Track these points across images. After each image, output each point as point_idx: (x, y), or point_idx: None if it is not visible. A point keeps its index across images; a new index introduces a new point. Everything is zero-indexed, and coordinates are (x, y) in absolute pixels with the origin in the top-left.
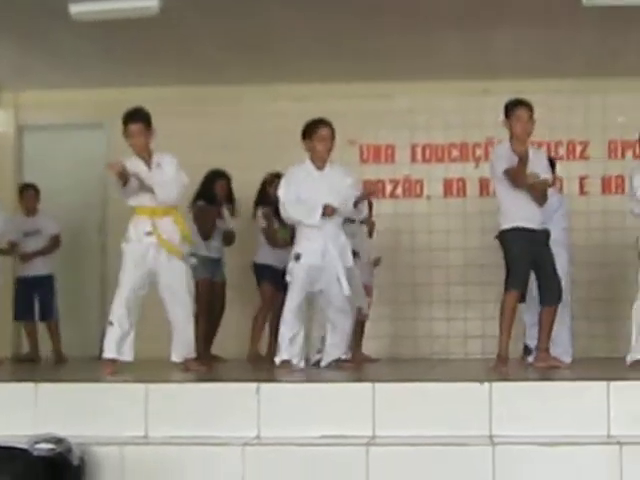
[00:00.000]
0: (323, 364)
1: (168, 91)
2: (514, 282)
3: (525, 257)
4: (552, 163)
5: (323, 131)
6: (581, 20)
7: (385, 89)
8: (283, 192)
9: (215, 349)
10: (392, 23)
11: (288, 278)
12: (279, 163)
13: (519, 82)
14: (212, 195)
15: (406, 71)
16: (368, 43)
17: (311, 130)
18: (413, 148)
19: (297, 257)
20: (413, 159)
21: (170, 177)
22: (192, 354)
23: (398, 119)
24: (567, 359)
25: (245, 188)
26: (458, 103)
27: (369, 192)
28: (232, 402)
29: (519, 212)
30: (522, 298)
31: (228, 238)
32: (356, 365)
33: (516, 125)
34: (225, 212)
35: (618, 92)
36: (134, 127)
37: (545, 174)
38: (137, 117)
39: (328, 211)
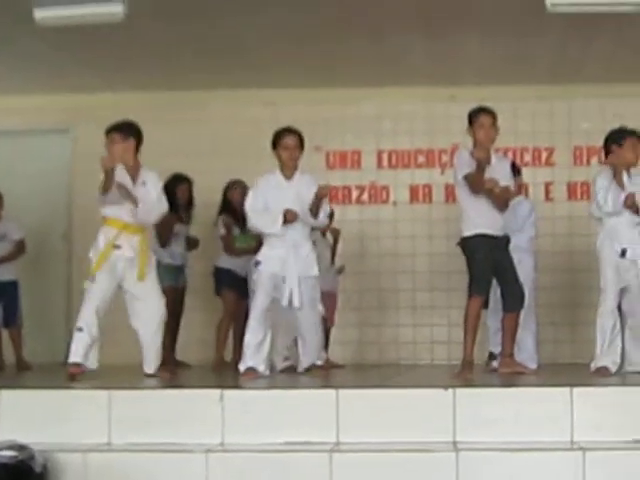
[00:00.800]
0: (299, 370)
1: (134, 97)
2: (477, 288)
3: (487, 263)
4: (518, 170)
5: (289, 140)
6: (545, 27)
7: (351, 95)
8: (250, 201)
9: (180, 355)
10: (359, 29)
11: (252, 285)
12: (245, 169)
13: (485, 88)
14: (173, 200)
15: (373, 77)
16: (335, 49)
17: (278, 139)
18: (379, 154)
19: (256, 264)
20: (379, 165)
21: (154, 198)
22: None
23: (364, 125)
24: (532, 365)
25: (210, 194)
26: (424, 109)
27: (320, 195)
28: (196, 409)
29: (481, 219)
30: (485, 304)
31: (192, 244)
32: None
33: (479, 132)
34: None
35: (583, 98)
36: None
37: (506, 181)
38: (125, 129)
39: (289, 216)
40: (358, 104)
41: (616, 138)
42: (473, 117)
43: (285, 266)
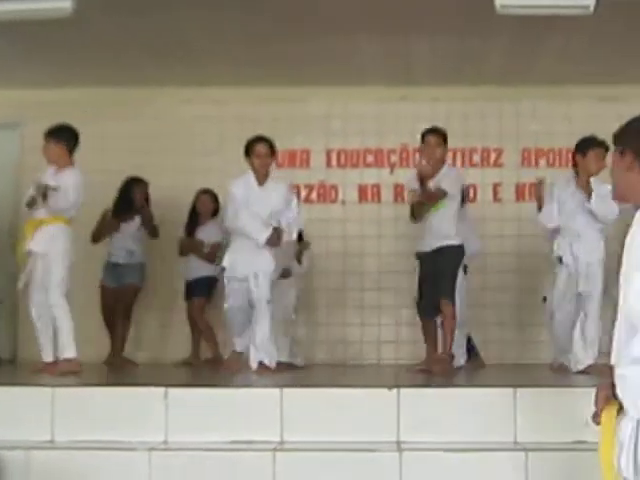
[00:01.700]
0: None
1: (82, 92)
2: (453, 291)
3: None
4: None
5: (261, 148)
6: (495, 28)
7: (301, 94)
8: (228, 207)
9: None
10: (309, 28)
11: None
12: (192, 167)
13: (435, 89)
14: (129, 202)
15: (322, 76)
16: (285, 47)
17: (250, 147)
18: (328, 153)
19: (222, 269)
20: (328, 164)
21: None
22: (69, 354)
23: (314, 124)
24: (461, 361)
25: (159, 191)
26: (374, 109)
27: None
28: (140, 407)
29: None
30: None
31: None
32: (272, 372)
33: (424, 150)
34: (137, 219)
35: (532, 100)
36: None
37: (449, 189)
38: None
39: (273, 239)
40: (307, 103)
41: (581, 148)
42: (423, 136)
43: (246, 266)
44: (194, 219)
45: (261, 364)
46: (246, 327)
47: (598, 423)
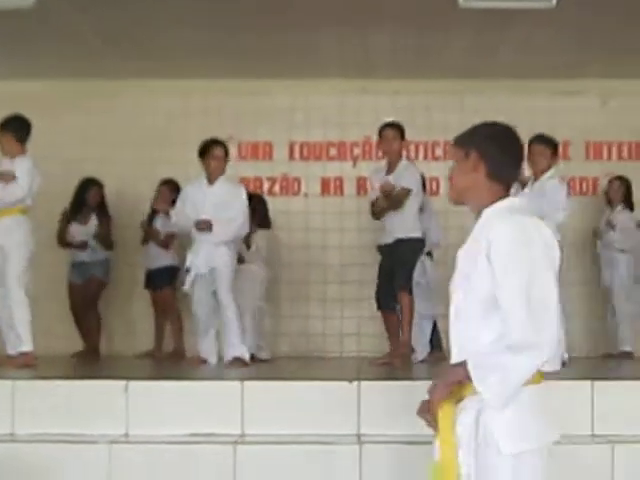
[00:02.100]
0: (225, 362)
1: (44, 84)
2: (410, 283)
3: None
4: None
5: (217, 151)
6: (458, 21)
7: (264, 86)
8: (176, 205)
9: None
10: (271, 20)
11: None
12: (155, 159)
13: (397, 82)
14: (83, 203)
15: (285, 69)
16: (247, 40)
17: (206, 149)
18: (291, 146)
19: (187, 270)
20: (291, 157)
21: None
22: (26, 348)
23: (276, 116)
24: (424, 353)
25: (121, 184)
26: (336, 102)
27: None
28: (100, 400)
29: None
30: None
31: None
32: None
33: (381, 144)
34: (93, 218)
35: (494, 93)
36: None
37: (408, 185)
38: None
39: (202, 225)
40: (270, 95)
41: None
42: (380, 131)
43: (206, 263)
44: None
45: (236, 359)
46: (211, 324)
47: (435, 427)
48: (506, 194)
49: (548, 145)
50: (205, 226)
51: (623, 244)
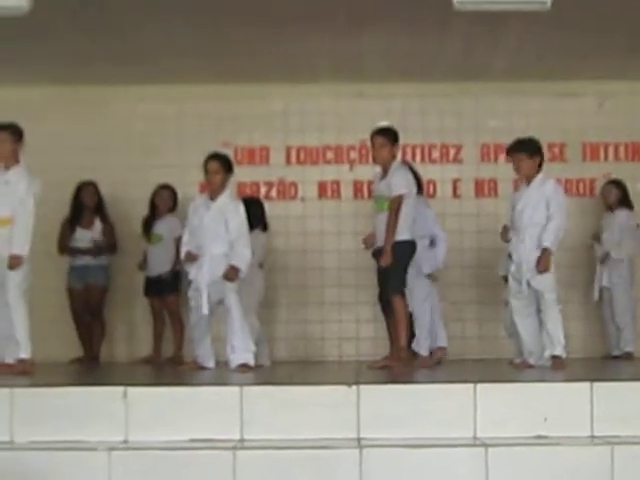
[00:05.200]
0: (231, 367)
1: (36, 91)
2: (402, 287)
3: None
4: (417, 177)
5: (208, 165)
6: (452, 24)
7: (259, 91)
8: (184, 238)
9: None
10: (266, 25)
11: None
12: (149, 165)
13: (393, 85)
14: (82, 206)
15: (280, 73)
16: (243, 44)
17: (204, 165)
18: (288, 150)
19: (188, 283)
20: (287, 161)
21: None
22: (24, 355)
23: (272, 121)
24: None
25: (115, 191)
26: (332, 106)
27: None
28: (99, 406)
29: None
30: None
31: (95, 250)
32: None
33: (372, 152)
34: (96, 222)
35: (490, 95)
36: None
37: (395, 189)
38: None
39: (187, 258)
40: (266, 100)
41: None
42: (371, 138)
43: (210, 277)
44: (153, 213)
45: (242, 365)
46: (208, 330)
47: None
48: None
49: (524, 151)
50: (191, 260)
51: (621, 251)
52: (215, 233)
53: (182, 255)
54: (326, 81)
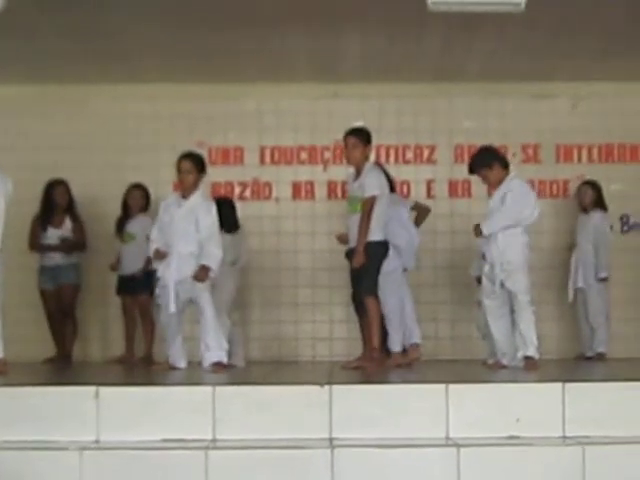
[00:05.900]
0: (205, 365)
1: (14, 89)
2: (375, 288)
3: None
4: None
5: (180, 165)
6: (427, 25)
7: (234, 91)
8: (152, 233)
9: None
10: (241, 25)
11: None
12: (125, 164)
13: (368, 86)
14: (53, 204)
15: (255, 73)
16: (217, 44)
17: (176, 164)
18: (262, 150)
19: (157, 279)
20: (262, 161)
21: None
22: None
23: (247, 121)
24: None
25: (89, 190)
26: (307, 106)
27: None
28: (70, 406)
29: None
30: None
31: (65, 246)
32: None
33: (344, 153)
34: (67, 220)
35: (464, 97)
36: None
37: (368, 190)
38: None
39: (156, 255)
40: (240, 100)
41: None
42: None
43: (178, 275)
44: (126, 213)
45: (216, 364)
46: (179, 330)
47: None
48: None
49: (483, 166)
50: (160, 257)
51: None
52: (185, 232)
53: (150, 252)
54: (301, 81)
